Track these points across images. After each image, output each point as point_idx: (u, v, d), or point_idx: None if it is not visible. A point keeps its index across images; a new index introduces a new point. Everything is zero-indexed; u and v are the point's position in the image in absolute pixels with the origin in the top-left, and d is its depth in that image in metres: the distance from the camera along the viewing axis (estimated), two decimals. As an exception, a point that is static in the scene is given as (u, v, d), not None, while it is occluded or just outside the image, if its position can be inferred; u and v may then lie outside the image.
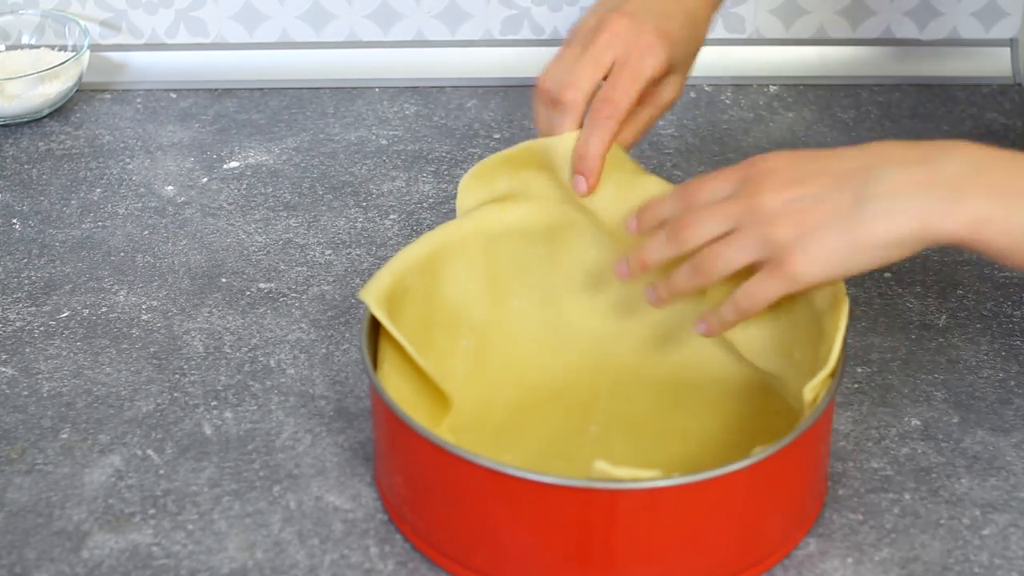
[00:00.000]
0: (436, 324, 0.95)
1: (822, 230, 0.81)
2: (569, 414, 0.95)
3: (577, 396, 0.96)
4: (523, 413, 0.95)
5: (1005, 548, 0.87)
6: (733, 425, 0.92)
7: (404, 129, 1.28)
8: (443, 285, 0.95)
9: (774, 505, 0.84)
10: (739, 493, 0.82)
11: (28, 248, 1.14)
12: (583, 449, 0.92)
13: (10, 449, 0.95)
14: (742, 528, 0.84)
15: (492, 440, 0.92)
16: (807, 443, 0.84)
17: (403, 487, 0.87)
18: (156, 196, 1.20)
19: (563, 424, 0.94)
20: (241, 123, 1.29)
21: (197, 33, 1.37)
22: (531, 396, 0.96)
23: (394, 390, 0.87)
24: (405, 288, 0.92)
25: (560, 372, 0.97)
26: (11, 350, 1.03)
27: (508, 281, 0.97)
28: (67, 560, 0.87)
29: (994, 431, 0.95)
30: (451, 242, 0.95)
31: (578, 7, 1.34)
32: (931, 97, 1.31)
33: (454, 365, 0.95)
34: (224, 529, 0.89)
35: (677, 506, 0.81)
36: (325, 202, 1.18)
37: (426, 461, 0.84)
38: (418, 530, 0.87)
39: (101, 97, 1.33)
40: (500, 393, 0.96)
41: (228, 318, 1.06)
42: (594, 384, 0.96)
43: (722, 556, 0.84)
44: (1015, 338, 1.02)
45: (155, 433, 0.96)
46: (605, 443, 0.93)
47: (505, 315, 0.97)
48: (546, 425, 0.94)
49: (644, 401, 0.95)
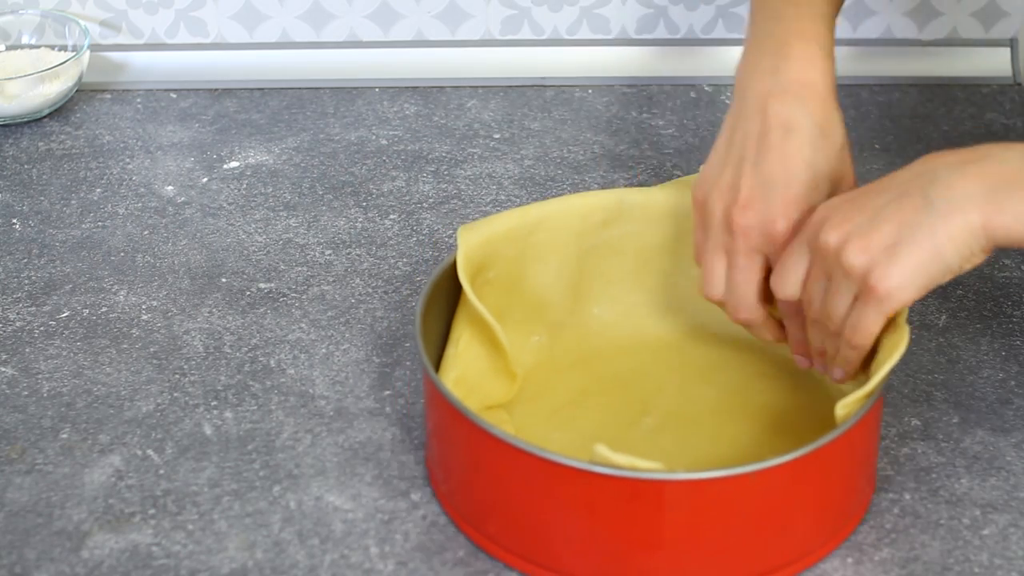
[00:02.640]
0: (512, 315, 0.97)
1: (898, 246, 0.80)
2: (629, 404, 0.96)
3: (641, 389, 0.97)
4: (584, 397, 0.96)
5: (1005, 548, 0.87)
6: (785, 441, 0.92)
7: (404, 129, 1.28)
8: (529, 275, 0.97)
9: (806, 505, 0.84)
10: (770, 491, 0.82)
11: (28, 248, 1.14)
12: (632, 438, 0.93)
13: (10, 449, 0.95)
14: (777, 526, 0.84)
15: (547, 419, 0.94)
16: (831, 451, 0.83)
17: (443, 467, 0.89)
18: (156, 196, 1.20)
19: (620, 412, 0.95)
20: (241, 123, 1.29)
21: (197, 33, 1.37)
22: (596, 384, 0.97)
23: (462, 362, 0.92)
24: (496, 254, 0.95)
25: (629, 367, 0.99)
26: (11, 350, 1.03)
27: (593, 289, 1.00)
28: (67, 560, 0.87)
29: (994, 431, 0.95)
30: (549, 222, 0.97)
31: (578, 7, 1.34)
32: (931, 97, 1.31)
33: (522, 360, 0.97)
34: (224, 529, 0.89)
35: (707, 500, 0.81)
36: (325, 202, 1.18)
37: (465, 440, 0.85)
38: (464, 514, 0.88)
39: (101, 97, 1.33)
40: (565, 378, 0.98)
41: (228, 318, 1.06)
42: (661, 380, 0.98)
43: (758, 553, 0.84)
44: (1015, 338, 1.02)
45: (155, 433, 0.96)
46: (655, 436, 0.93)
47: (583, 320, 1.00)
48: (603, 411, 0.95)
49: (705, 404, 0.96)
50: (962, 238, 0.79)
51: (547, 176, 1.21)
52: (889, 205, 0.81)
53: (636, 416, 0.95)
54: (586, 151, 1.24)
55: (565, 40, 1.36)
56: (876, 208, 0.82)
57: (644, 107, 1.30)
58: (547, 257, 0.98)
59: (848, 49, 1.34)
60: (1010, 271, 1.08)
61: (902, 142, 1.24)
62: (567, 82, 1.33)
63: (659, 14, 1.34)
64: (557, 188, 1.19)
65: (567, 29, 1.36)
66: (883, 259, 0.80)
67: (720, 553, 0.83)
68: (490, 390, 0.95)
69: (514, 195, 1.18)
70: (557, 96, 1.32)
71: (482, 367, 0.94)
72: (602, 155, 1.23)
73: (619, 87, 1.32)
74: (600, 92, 1.32)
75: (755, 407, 0.95)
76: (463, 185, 1.20)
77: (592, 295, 1.00)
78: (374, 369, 1.01)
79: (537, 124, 1.28)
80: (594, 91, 1.32)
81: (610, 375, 0.98)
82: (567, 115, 1.29)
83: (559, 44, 1.36)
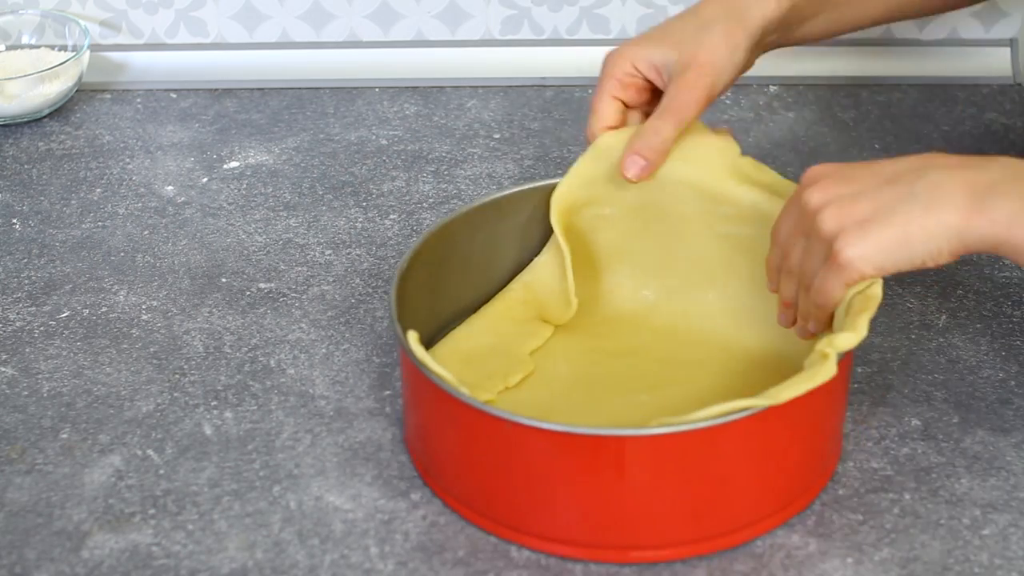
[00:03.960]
0: (625, 260, 1.02)
1: (871, 222, 0.83)
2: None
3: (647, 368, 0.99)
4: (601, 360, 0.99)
5: (1005, 548, 0.87)
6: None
7: (404, 129, 1.28)
8: (596, 250, 1.02)
9: (761, 463, 0.86)
10: (727, 446, 0.84)
11: (28, 248, 1.14)
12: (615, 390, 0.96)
13: (10, 449, 0.95)
14: (753, 477, 0.85)
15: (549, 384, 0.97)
16: (786, 410, 0.84)
17: (416, 432, 0.91)
18: (156, 196, 1.20)
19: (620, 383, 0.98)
20: (241, 123, 1.29)
21: (197, 33, 1.37)
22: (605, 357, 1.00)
23: (537, 270, 1.01)
24: (588, 198, 1.00)
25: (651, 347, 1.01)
26: (11, 350, 1.03)
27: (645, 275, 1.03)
28: (67, 560, 0.87)
29: (994, 431, 0.95)
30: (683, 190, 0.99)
31: (578, 7, 1.34)
32: (931, 97, 1.31)
33: (607, 308, 1.02)
34: (224, 529, 0.89)
35: (681, 453, 0.83)
36: (325, 202, 1.18)
37: (431, 404, 0.87)
38: (438, 479, 0.90)
39: (101, 97, 1.33)
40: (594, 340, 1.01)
41: (228, 318, 1.06)
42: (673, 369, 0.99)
43: (737, 506, 0.86)
44: (1015, 338, 1.02)
45: (155, 433, 0.96)
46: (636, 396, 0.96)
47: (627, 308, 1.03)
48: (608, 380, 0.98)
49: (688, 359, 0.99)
50: (933, 234, 0.82)
51: (547, 176, 1.20)
52: (875, 187, 0.84)
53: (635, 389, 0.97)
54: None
55: (565, 40, 1.36)
56: (863, 186, 0.85)
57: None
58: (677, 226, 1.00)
59: (848, 49, 1.34)
60: (1010, 271, 1.08)
61: (902, 142, 1.24)
62: (567, 82, 1.33)
63: (659, 14, 1.34)
64: (557, 188, 1.19)
65: (567, 29, 1.36)
66: (852, 229, 0.83)
67: (676, 511, 0.85)
68: (547, 304, 1.01)
69: (514, 195, 1.18)
70: (557, 96, 1.32)
71: (551, 284, 1.00)
72: (602, 155, 1.23)
73: (619, 87, 1.32)
74: (600, 92, 1.32)
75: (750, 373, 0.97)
76: (463, 185, 1.20)
77: (645, 281, 1.02)
78: (374, 369, 1.01)
79: (537, 124, 1.28)
80: (594, 91, 1.32)
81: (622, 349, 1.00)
82: (567, 115, 1.29)
83: (559, 44, 1.36)
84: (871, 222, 0.83)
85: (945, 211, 0.82)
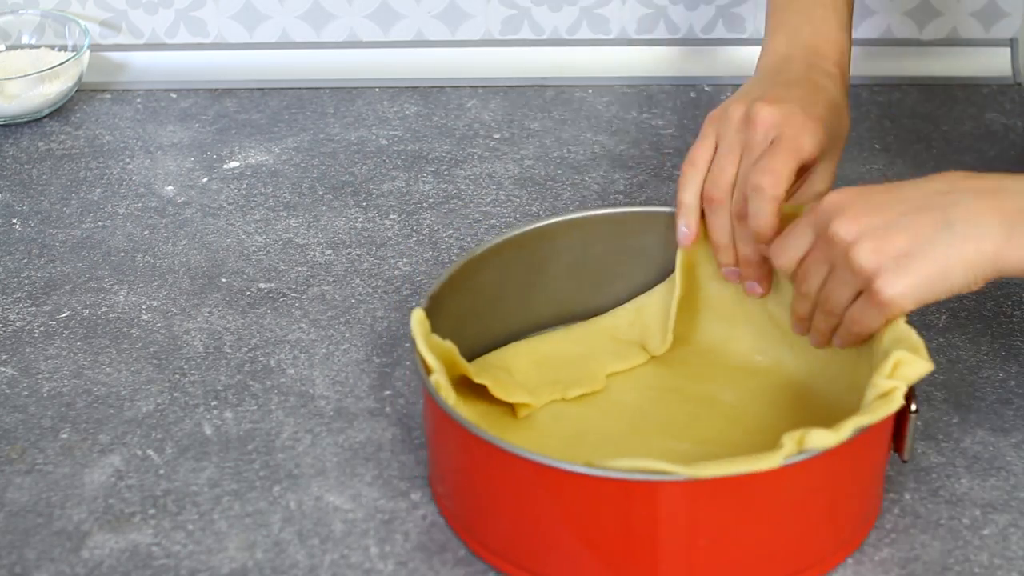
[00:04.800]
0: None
1: (910, 258, 0.81)
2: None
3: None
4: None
5: (1005, 548, 0.87)
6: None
7: (404, 129, 1.28)
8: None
9: (809, 511, 0.83)
10: (771, 493, 0.81)
11: (28, 248, 1.14)
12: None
13: (10, 449, 0.95)
14: (775, 531, 0.83)
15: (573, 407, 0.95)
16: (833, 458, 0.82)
17: (438, 473, 0.89)
18: (156, 196, 1.20)
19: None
20: (241, 123, 1.29)
21: (197, 33, 1.37)
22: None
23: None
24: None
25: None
26: (11, 350, 1.03)
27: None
28: (67, 560, 0.87)
29: (994, 431, 0.95)
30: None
31: (578, 7, 1.34)
32: (931, 97, 1.31)
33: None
34: (224, 529, 0.89)
35: (717, 499, 0.80)
36: (325, 202, 1.18)
37: (457, 445, 0.85)
38: (460, 521, 0.88)
39: (101, 97, 1.33)
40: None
41: (228, 318, 1.06)
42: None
43: (767, 556, 0.83)
44: (1015, 338, 1.02)
45: (155, 433, 0.96)
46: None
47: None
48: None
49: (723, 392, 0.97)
50: (972, 264, 0.81)
51: (547, 176, 1.21)
52: (908, 215, 0.82)
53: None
54: (586, 151, 1.24)
55: (565, 40, 1.36)
56: (894, 215, 0.82)
57: (644, 107, 1.30)
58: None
59: (848, 49, 1.34)
60: (1010, 271, 1.08)
61: (902, 142, 1.24)
62: (567, 82, 1.33)
63: (659, 14, 1.34)
64: (557, 188, 1.19)
65: (567, 29, 1.36)
66: (892, 266, 0.82)
67: (718, 558, 0.82)
68: (650, 332, 0.99)
69: (514, 195, 1.18)
70: (557, 96, 1.32)
71: (659, 314, 0.99)
72: (602, 155, 1.23)
73: (619, 87, 1.32)
74: (600, 92, 1.32)
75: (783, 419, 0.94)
76: (463, 185, 1.20)
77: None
78: (374, 369, 1.01)
79: (537, 124, 1.28)
80: (594, 91, 1.32)
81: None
82: (567, 115, 1.29)
83: (559, 44, 1.36)
84: (909, 257, 0.81)
85: (983, 241, 0.81)
